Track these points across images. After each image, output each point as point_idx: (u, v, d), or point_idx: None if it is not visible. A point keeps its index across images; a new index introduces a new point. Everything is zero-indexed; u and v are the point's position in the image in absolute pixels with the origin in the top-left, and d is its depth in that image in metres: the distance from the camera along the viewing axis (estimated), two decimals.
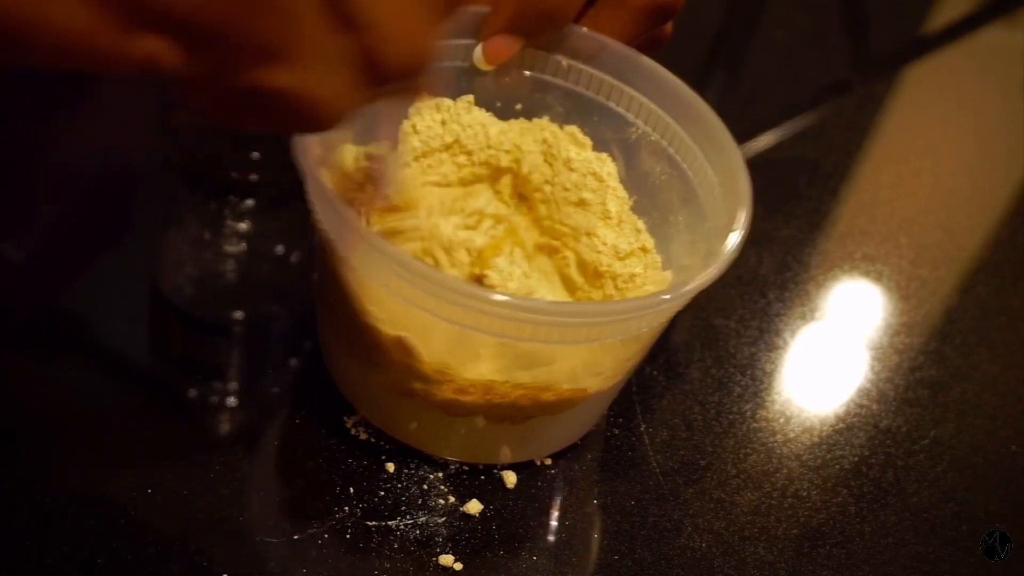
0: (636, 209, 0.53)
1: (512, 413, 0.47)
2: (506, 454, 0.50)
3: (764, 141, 0.76)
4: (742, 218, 0.46)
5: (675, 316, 0.61)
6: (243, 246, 0.58)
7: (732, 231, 0.45)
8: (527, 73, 0.53)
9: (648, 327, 0.46)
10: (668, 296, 0.43)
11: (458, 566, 0.46)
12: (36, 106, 0.62)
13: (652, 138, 0.52)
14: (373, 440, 0.50)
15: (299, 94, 0.31)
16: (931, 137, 0.83)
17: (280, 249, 0.58)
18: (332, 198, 0.42)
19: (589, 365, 0.46)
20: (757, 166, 0.74)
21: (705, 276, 0.43)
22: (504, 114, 0.55)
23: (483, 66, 0.51)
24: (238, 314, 0.55)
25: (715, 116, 0.50)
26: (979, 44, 0.96)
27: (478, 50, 0.50)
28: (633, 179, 0.54)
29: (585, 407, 0.49)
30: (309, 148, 0.43)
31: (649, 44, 0.52)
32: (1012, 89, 0.92)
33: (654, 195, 0.53)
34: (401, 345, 0.45)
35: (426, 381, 0.46)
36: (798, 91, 0.83)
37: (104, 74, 0.29)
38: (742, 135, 0.76)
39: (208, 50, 0.29)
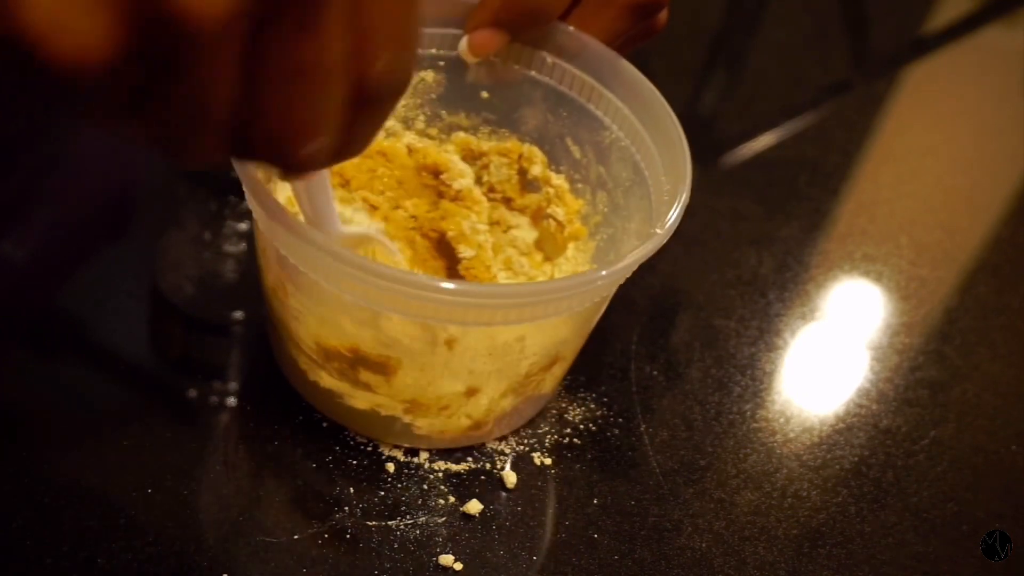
0: (598, 213, 0.55)
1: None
2: (455, 439, 0.50)
3: (764, 141, 0.76)
4: (677, 206, 0.46)
5: (675, 316, 0.61)
6: (243, 246, 0.58)
7: (671, 209, 0.46)
8: (515, 67, 0.54)
9: (590, 302, 0.46)
10: (604, 272, 0.43)
11: (458, 566, 0.46)
12: (37, 106, 0.62)
13: (623, 144, 0.53)
14: (373, 441, 0.50)
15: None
16: (931, 137, 0.83)
17: None
18: (257, 186, 0.42)
19: (533, 342, 0.47)
20: (757, 166, 0.75)
21: (640, 251, 0.44)
22: (490, 107, 0.56)
23: (468, 58, 0.52)
24: (238, 314, 0.55)
25: (677, 124, 0.50)
26: (979, 44, 0.96)
27: (463, 41, 0.51)
28: (602, 184, 0.55)
29: (524, 388, 0.49)
30: None
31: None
32: (1012, 89, 0.92)
33: (617, 201, 0.54)
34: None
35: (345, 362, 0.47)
36: (798, 91, 0.84)
37: None
38: (742, 135, 0.76)
39: None
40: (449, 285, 0.41)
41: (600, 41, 0.51)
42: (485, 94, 0.56)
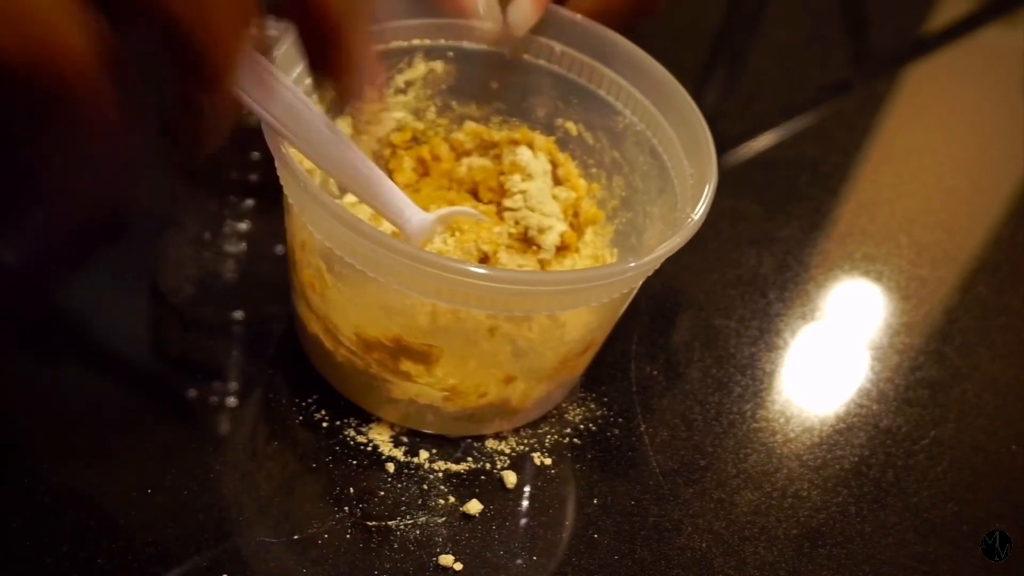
0: (615, 198, 0.56)
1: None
2: (490, 425, 0.51)
3: (764, 141, 0.76)
4: (708, 192, 0.47)
5: (675, 316, 0.61)
6: (243, 246, 0.58)
7: (698, 204, 0.46)
8: (525, 56, 0.55)
9: (619, 293, 0.47)
10: (633, 264, 0.44)
11: (458, 566, 0.46)
12: (36, 106, 0.62)
13: (638, 128, 0.53)
14: (373, 441, 0.50)
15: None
16: (931, 137, 0.83)
17: (280, 249, 0.58)
18: (297, 169, 0.43)
19: (572, 329, 0.47)
20: (757, 166, 0.75)
21: (668, 245, 0.44)
22: (500, 97, 0.57)
23: (518, 30, 0.52)
24: (238, 314, 0.55)
25: (694, 107, 0.51)
26: (979, 44, 0.96)
27: (513, 13, 0.52)
28: (617, 168, 0.55)
29: (559, 374, 0.50)
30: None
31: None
32: (1012, 89, 0.92)
33: (634, 185, 0.54)
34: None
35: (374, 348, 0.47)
36: (798, 91, 0.83)
37: None
38: (742, 135, 0.76)
39: None
40: (495, 272, 0.42)
41: (598, 11, 0.52)
42: (495, 84, 0.56)
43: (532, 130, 0.57)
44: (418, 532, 0.47)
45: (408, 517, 0.47)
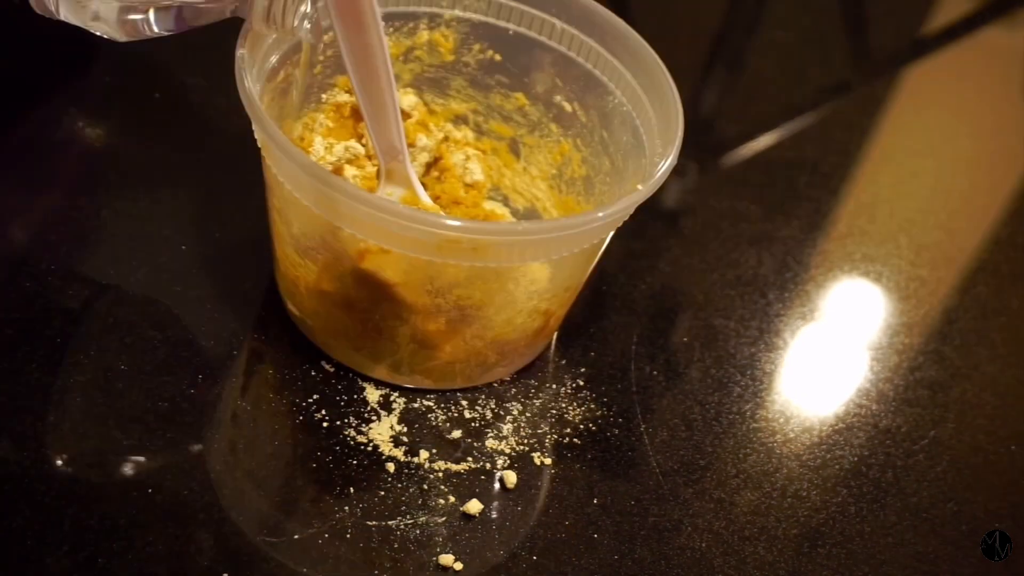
0: (600, 174, 0.57)
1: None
2: (475, 374, 0.52)
3: (764, 141, 0.76)
4: (672, 148, 0.48)
5: (675, 316, 0.61)
6: None
7: (663, 159, 0.48)
8: (527, 32, 0.56)
9: (588, 243, 0.48)
10: (601, 214, 0.45)
11: (458, 566, 0.46)
12: (36, 106, 0.62)
13: (625, 109, 0.54)
14: (373, 441, 0.50)
15: None
16: (931, 137, 0.83)
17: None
18: (263, 117, 0.44)
19: (524, 286, 0.48)
20: (757, 166, 0.75)
21: (635, 196, 0.46)
22: (503, 71, 0.58)
23: None
24: (239, 314, 0.55)
25: (674, 91, 0.51)
26: (979, 44, 0.96)
27: None
28: (604, 147, 0.56)
29: (535, 327, 0.51)
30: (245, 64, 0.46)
31: None
32: (1012, 89, 0.92)
33: (617, 165, 0.55)
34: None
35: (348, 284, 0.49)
36: (798, 91, 0.83)
37: None
38: (742, 135, 0.76)
39: None
40: (456, 222, 0.43)
41: None
42: (498, 56, 0.58)
43: (532, 103, 0.58)
44: (418, 532, 0.47)
45: (408, 517, 0.47)
